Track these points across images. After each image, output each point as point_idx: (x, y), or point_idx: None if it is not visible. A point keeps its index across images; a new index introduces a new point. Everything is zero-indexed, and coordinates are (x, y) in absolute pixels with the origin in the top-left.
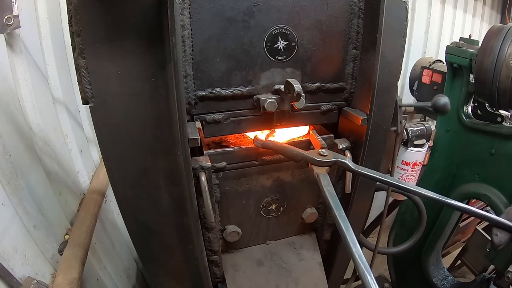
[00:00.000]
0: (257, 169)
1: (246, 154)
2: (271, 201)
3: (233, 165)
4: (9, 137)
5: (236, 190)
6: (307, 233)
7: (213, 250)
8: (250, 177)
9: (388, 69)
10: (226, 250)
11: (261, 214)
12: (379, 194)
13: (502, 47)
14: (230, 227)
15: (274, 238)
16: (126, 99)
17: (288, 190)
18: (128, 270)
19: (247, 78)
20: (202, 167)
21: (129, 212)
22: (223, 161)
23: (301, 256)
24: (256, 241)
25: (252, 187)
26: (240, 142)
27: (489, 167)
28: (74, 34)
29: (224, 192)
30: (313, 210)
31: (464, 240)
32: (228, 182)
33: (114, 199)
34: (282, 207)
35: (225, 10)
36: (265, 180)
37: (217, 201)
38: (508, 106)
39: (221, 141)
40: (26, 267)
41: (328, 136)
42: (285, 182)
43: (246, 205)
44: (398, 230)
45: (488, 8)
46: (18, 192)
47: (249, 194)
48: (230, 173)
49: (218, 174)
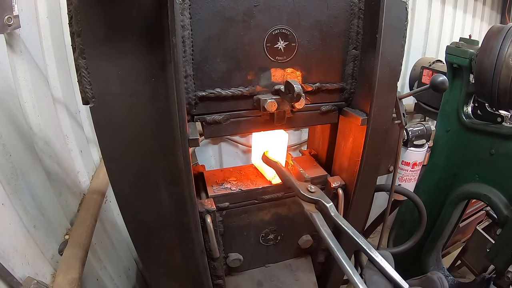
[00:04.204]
0: (257, 206)
1: (247, 195)
2: (269, 232)
3: (235, 205)
4: (9, 137)
5: (238, 224)
6: (303, 256)
7: (218, 275)
8: (251, 213)
9: (388, 69)
10: (229, 273)
11: (261, 242)
12: (379, 194)
13: (502, 47)
14: (233, 255)
15: (273, 262)
16: (126, 99)
17: (285, 222)
18: (128, 270)
19: (247, 78)
20: (208, 211)
21: (129, 212)
22: (226, 201)
23: (297, 277)
24: (256, 264)
25: (252, 221)
26: (241, 182)
27: (489, 167)
28: (74, 35)
29: (227, 226)
30: (308, 237)
31: (464, 240)
32: (230, 218)
33: (114, 199)
34: (280, 236)
35: (225, 11)
36: (264, 215)
37: (220, 234)
38: (508, 106)
39: (224, 181)
40: (26, 267)
41: (322, 174)
42: (282, 215)
43: (247, 236)
44: (398, 230)
45: (488, 8)
46: (18, 192)
47: (249, 227)
48: (232, 211)
49: (222, 212)
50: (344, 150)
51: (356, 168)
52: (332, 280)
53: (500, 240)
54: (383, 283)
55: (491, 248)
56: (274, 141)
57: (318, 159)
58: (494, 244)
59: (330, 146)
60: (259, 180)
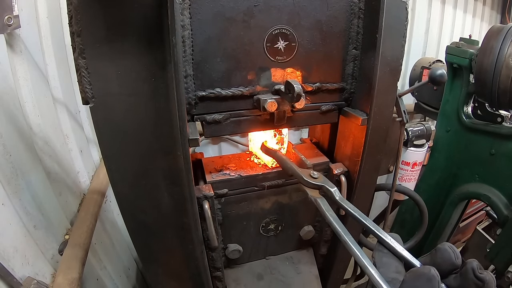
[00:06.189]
0: (256, 193)
1: (246, 181)
2: (270, 222)
3: (234, 191)
4: (9, 137)
5: (237, 213)
6: (305, 248)
7: (216, 267)
8: (250, 201)
9: (388, 69)
10: (228, 265)
11: (261, 233)
12: (379, 194)
13: (502, 47)
14: (232, 246)
15: (274, 254)
16: (126, 99)
17: (286, 211)
18: (128, 270)
19: (247, 78)
20: (205, 196)
21: (129, 212)
22: (225, 188)
23: (298, 270)
24: (256, 256)
25: (252, 210)
26: (241, 168)
27: (489, 167)
28: (74, 34)
29: (226, 215)
30: (310, 228)
31: (464, 240)
32: (229, 206)
33: (114, 199)
34: (281, 226)
35: (226, 10)
36: (264, 203)
37: (219, 223)
38: (508, 106)
39: (223, 168)
40: (26, 267)
41: (324, 161)
42: (283, 204)
43: (246, 226)
44: (398, 230)
45: (488, 8)
46: (18, 192)
47: (249, 216)
48: (231, 198)
49: (221, 199)
50: (344, 150)
51: (356, 167)
52: (335, 273)
53: (500, 240)
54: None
55: (491, 248)
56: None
57: (319, 147)
58: (494, 244)
59: (332, 134)
60: (258, 167)
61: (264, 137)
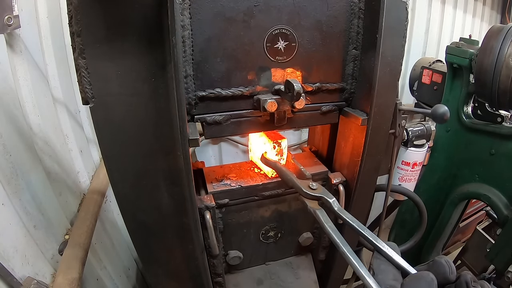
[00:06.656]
0: (257, 203)
1: (247, 191)
2: (269, 229)
3: (235, 201)
4: (9, 137)
5: (238, 221)
6: (304, 254)
7: (217, 273)
8: (250, 210)
9: (388, 69)
10: (229, 271)
11: (261, 240)
12: (379, 194)
13: (502, 47)
14: (232, 252)
15: (273, 259)
16: (126, 99)
17: (285, 219)
18: (128, 270)
19: (247, 78)
20: (207, 207)
21: (129, 212)
22: (226, 198)
23: (297, 275)
24: (256, 262)
25: (252, 218)
26: (241, 178)
27: (489, 167)
28: (74, 34)
29: (227, 224)
30: (309, 234)
31: (464, 240)
32: (230, 215)
33: (114, 199)
34: (280, 234)
35: (225, 11)
36: (264, 212)
37: (220, 231)
38: (508, 106)
39: (224, 178)
40: (26, 267)
41: (323, 171)
42: (283, 212)
43: (246, 233)
44: (398, 230)
45: (488, 8)
46: (18, 192)
47: (249, 224)
48: (232, 208)
49: (222, 209)
50: (344, 150)
51: (356, 168)
52: (333, 278)
53: (500, 240)
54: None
55: (491, 248)
56: None
57: (319, 155)
58: (494, 244)
59: (331, 142)
60: (259, 177)
61: (264, 149)
